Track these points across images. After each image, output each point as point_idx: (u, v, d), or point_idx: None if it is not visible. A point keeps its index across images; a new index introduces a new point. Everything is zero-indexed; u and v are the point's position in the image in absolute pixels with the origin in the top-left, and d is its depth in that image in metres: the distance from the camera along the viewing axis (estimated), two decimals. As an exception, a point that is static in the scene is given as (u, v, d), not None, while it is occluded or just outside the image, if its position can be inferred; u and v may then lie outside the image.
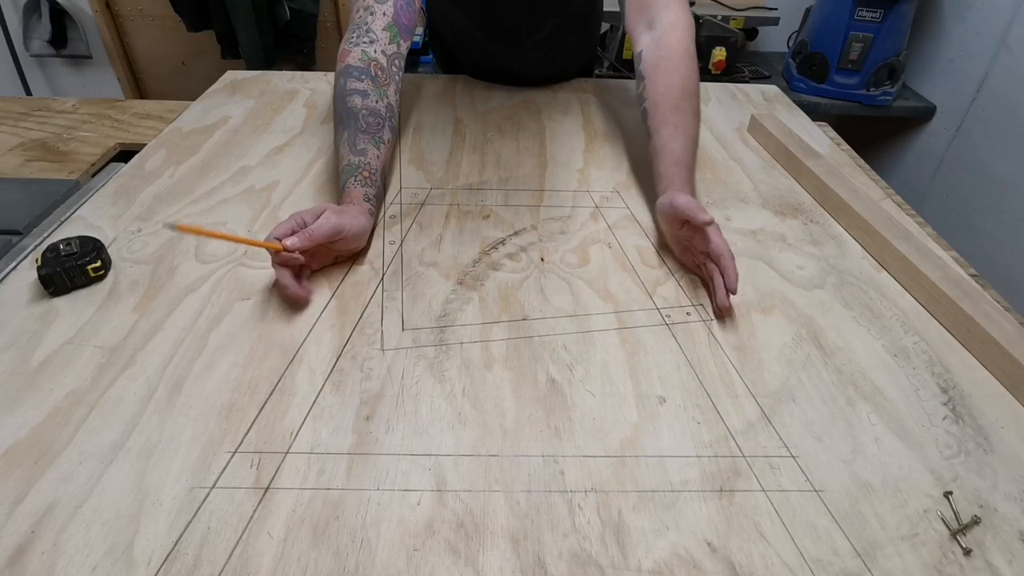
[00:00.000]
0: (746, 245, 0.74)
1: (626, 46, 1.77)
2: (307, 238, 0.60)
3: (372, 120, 0.73)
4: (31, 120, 1.06)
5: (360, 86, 0.73)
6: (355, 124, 0.72)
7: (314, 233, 0.60)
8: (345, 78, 0.74)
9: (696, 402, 0.54)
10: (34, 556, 0.41)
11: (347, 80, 0.74)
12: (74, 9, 2.13)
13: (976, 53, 1.61)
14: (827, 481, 0.48)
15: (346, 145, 0.72)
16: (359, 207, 0.67)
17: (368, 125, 0.73)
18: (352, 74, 0.74)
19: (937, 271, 0.66)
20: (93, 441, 0.48)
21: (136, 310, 0.61)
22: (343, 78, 0.74)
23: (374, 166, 0.71)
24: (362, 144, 0.71)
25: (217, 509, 0.44)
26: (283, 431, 0.50)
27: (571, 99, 1.11)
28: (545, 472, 0.48)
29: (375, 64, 0.75)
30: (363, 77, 0.74)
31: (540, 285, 0.67)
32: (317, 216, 0.63)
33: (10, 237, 0.73)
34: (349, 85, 0.73)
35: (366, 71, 0.75)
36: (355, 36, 0.77)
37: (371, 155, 0.72)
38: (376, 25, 0.77)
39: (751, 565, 0.42)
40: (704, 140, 0.99)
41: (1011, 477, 0.49)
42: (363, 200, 0.69)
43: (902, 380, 0.57)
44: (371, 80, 0.74)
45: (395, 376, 0.55)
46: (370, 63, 0.75)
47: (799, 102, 1.18)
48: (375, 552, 0.42)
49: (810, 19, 1.79)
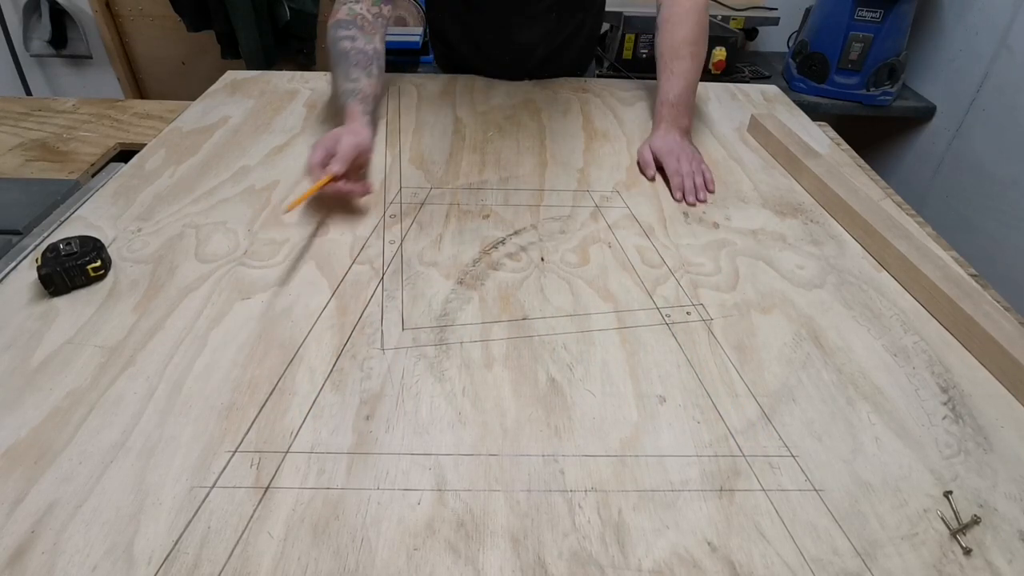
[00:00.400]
0: (746, 245, 0.75)
1: (626, 46, 1.77)
2: (342, 161, 0.73)
3: (361, 58, 0.86)
4: (31, 120, 1.06)
5: (348, 33, 0.87)
6: (346, 62, 0.86)
7: (345, 155, 0.73)
8: (335, 30, 0.88)
9: (696, 402, 0.54)
10: (34, 556, 0.41)
11: (337, 31, 0.88)
12: (74, 9, 2.13)
13: (976, 53, 1.61)
14: (827, 481, 0.48)
15: (341, 78, 0.85)
16: (361, 119, 0.81)
17: (358, 61, 0.86)
18: (341, 26, 0.88)
19: (937, 271, 0.66)
20: (93, 441, 0.48)
21: (136, 310, 0.61)
22: (333, 31, 0.88)
23: (367, 91, 0.85)
24: (355, 75, 0.85)
25: (217, 509, 0.44)
26: (283, 431, 0.50)
27: (571, 99, 1.11)
28: (545, 472, 0.48)
29: (360, 17, 0.89)
30: (350, 27, 0.88)
31: (540, 285, 0.67)
32: (336, 141, 0.75)
33: (10, 237, 0.73)
34: (338, 34, 0.87)
35: (352, 23, 0.88)
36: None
37: (363, 83, 0.85)
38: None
39: (751, 565, 0.42)
40: (704, 140, 0.99)
41: (1011, 477, 0.49)
42: (362, 115, 0.82)
43: (902, 380, 0.57)
44: (358, 29, 0.88)
45: (395, 376, 0.55)
46: (356, 16, 0.89)
47: (799, 102, 1.18)
48: (375, 551, 0.42)
49: (810, 19, 1.79)
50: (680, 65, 0.92)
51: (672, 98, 0.92)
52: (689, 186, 0.84)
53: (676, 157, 0.87)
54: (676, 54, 0.92)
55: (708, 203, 0.83)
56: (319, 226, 0.75)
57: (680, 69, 0.92)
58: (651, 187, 0.86)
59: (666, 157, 0.87)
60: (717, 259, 0.72)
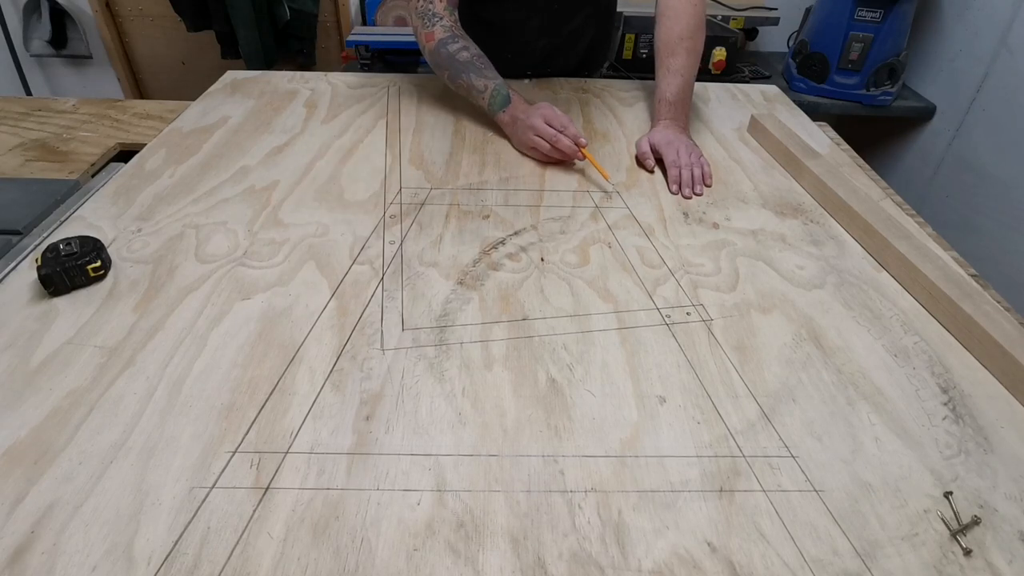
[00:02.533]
0: (746, 245, 0.74)
1: (626, 46, 1.77)
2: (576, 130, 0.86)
3: (484, 61, 0.94)
4: (31, 120, 1.06)
5: (460, 44, 0.94)
6: (475, 66, 0.93)
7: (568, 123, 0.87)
8: (446, 46, 0.94)
9: (696, 402, 0.54)
10: (34, 556, 0.41)
11: (448, 46, 0.94)
12: (74, 9, 2.13)
13: (976, 53, 1.61)
14: (827, 481, 0.48)
15: (480, 79, 0.93)
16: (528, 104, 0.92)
17: (484, 64, 0.94)
18: (449, 42, 0.94)
19: (937, 271, 0.66)
20: (93, 441, 0.48)
21: (136, 310, 0.61)
22: (444, 47, 0.94)
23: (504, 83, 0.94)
24: (490, 74, 0.94)
25: (217, 509, 0.44)
26: (283, 431, 0.50)
27: (571, 99, 1.11)
28: (545, 472, 0.48)
29: (454, 29, 0.96)
30: (457, 40, 0.95)
31: (540, 285, 0.67)
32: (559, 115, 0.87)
33: (10, 237, 0.73)
34: (452, 47, 0.94)
35: (454, 36, 0.95)
36: (427, 21, 0.96)
37: (500, 78, 0.94)
38: (438, 8, 0.96)
39: (751, 565, 0.42)
40: (704, 140, 0.99)
41: (1011, 477, 0.49)
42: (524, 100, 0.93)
43: (902, 380, 0.57)
44: (463, 39, 0.95)
45: (395, 376, 0.55)
46: (453, 30, 0.96)
47: (799, 102, 1.18)
48: (375, 552, 0.42)
49: (810, 19, 1.79)
50: (676, 62, 0.93)
51: (670, 96, 0.93)
52: (687, 178, 0.85)
53: (675, 149, 0.88)
54: (672, 50, 0.93)
55: (704, 197, 0.84)
56: (319, 226, 0.75)
57: (676, 66, 0.93)
58: (651, 187, 0.86)
59: (665, 148, 0.88)
60: (717, 259, 0.72)
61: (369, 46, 1.81)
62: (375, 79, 1.17)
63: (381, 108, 1.05)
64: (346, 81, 1.16)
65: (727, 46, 1.72)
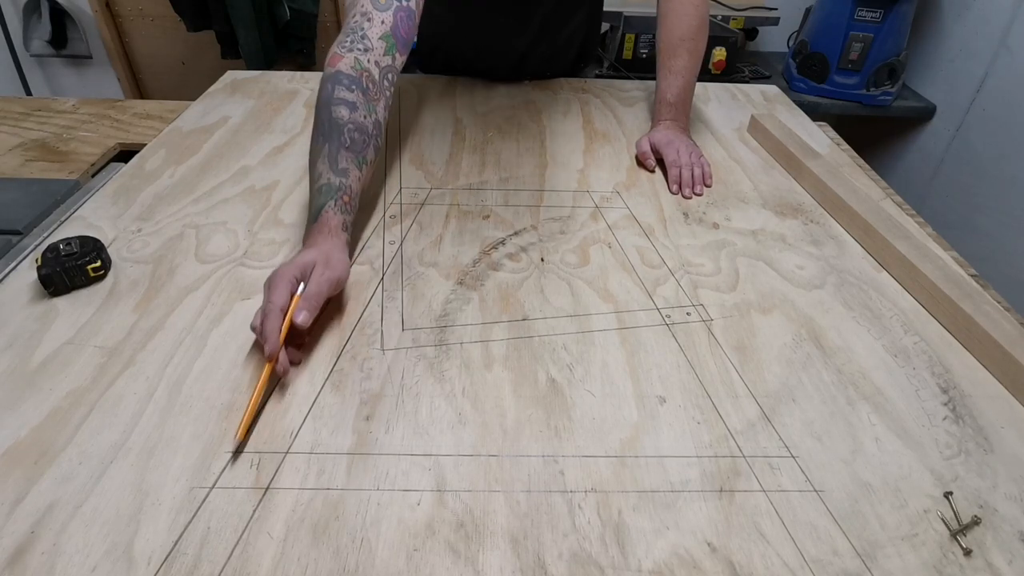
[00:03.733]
0: (746, 245, 0.74)
1: (626, 46, 1.77)
2: (315, 307, 0.55)
3: (358, 136, 0.66)
4: (31, 120, 1.06)
5: (349, 96, 0.67)
6: (339, 139, 0.65)
7: (319, 298, 0.56)
8: (333, 84, 0.67)
9: (696, 402, 0.54)
10: (34, 556, 0.41)
11: (335, 87, 0.67)
12: (74, 9, 2.13)
13: (976, 53, 1.61)
14: (827, 481, 0.48)
15: (326, 161, 0.65)
16: (338, 240, 0.62)
17: (353, 142, 0.66)
18: (342, 82, 0.67)
19: (937, 271, 0.66)
20: (93, 441, 0.48)
21: (136, 310, 0.61)
22: (331, 84, 0.67)
23: (355, 189, 0.66)
24: (344, 163, 0.65)
25: (217, 509, 0.44)
26: (283, 431, 0.50)
27: (571, 99, 1.11)
28: (545, 472, 0.48)
29: (367, 75, 0.68)
30: (353, 87, 0.67)
31: (540, 285, 0.67)
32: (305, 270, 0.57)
33: (10, 237, 0.73)
34: (337, 94, 0.66)
35: (357, 81, 0.67)
36: (349, 41, 0.69)
37: (352, 176, 0.65)
38: (373, 33, 0.70)
39: (751, 565, 0.42)
40: (704, 140, 0.99)
41: (1011, 477, 0.49)
42: (341, 230, 0.63)
43: (902, 380, 0.57)
44: (361, 92, 0.67)
45: (395, 376, 0.55)
46: (362, 73, 0.68)
47: (799, 102, 1.18)
48: (375, 552, 0.42)
49: (810, 19, 1.79)
50: (678, 63, 0.92)
51: (671, 97, 0.93)
52: (687, 177, 0.85)
53: (675, 148, 0.88)
54: (674, 51, 0.92)
55: (704, 197, 0.84)
56: (319, 226, 0.74)
57: (678, 67, 0.92)
58: (651, 187, 0.86)
59: (665, 148, 0.88)
60: (717, 259, 0.72)
61: (369, 46, 1.81)
62: (375, 79, 1.17)
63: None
64: (346, 81, 1.15)
65: (727, 46, 1.72)
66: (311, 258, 0.58)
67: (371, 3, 0.71)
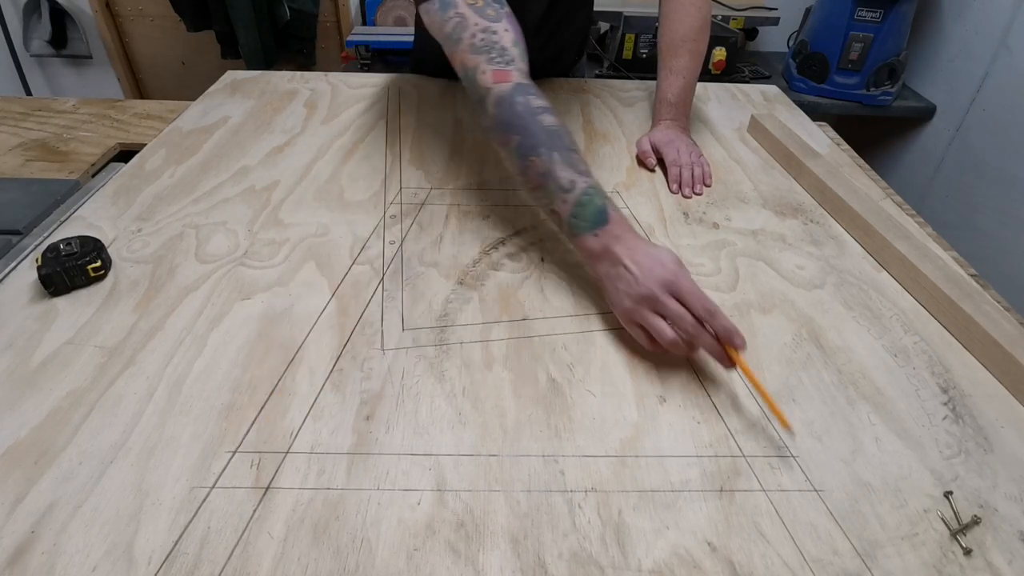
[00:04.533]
0: (746, 245, 0.75)
1: (626, 46, 1.77)
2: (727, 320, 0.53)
3: (573, 140, 0.64)
4: (31, 120, 1.06)
5: (543, 104, 0.65)
6: (563, 143, 0.63)
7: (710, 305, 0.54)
8: (523, 96, 0.64)
9: (696, 402, 0.54)
10: (34, 556, 0.41)
11: (527, 97, 0.64)
12: (74, 9, 2.13)
13: (976, 53, 1.61)
14: (827, 481, 0.48)
15: (565, 168, 0.61)
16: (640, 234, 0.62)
17: (574, 144, 0.64)
18: (530, 91, 0.65)
19: (937, 271, 0.66)
20: (93, 441, 0.48)
21: (136, 310, 0.61)
22: (520, 96, 0.64)
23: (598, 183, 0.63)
24: (582, 165, 0.62)
25: (217, 509, 0.44)
26: (283, 431, 0.50)
27: (571, 99, 1.11)
28: (545, 472, 0.48)
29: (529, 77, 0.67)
30: (539, 96, 0.65)
31: (540, 285, 0.67)
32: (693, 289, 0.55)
33: (10, 237, 0.73)
34: (533, 103, 0.64)
35: (533, 88, 0.66)
36: (494, 56, 0.66)
37: (592, 175, 0.62)
38: (506, 41, 0.68)
39: (751, 565, 0.42)
40: (704, 140, 0.99)
41: (1011, 477, 0.49)
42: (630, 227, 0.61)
43: (902, 380, 0.57)
44: (544, 98, 0.65)
45: (395, 376, 0.55)
46: (528, 76, 0.67)
47: (799, 102, 1.18)
48: (375, 552, 0.42)
49: (810, 19, 1.79)
50: (678, 62, 0.92)
51: (671, 97, 0.93)
52: (687, 177, 0.85)
53: (676, 148, 0.88)
54: (675, 51, 0.92)
55: (704, 197, 0.84)
56: (319, 226, 0.75)
57: (678, 66, 0.92)
58: (651, 187, 0.86)
59: (665, 147, 0.88)
60: (717, 259, 0.72)
61: (369, 46, 1.81)
62: (375, 79, 1.17)
63: (381, 108, 1.05)
64: (346, 81, 1.16)
65: (727, 46, 1.72)
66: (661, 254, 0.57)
67: (481, 16, 0.68)
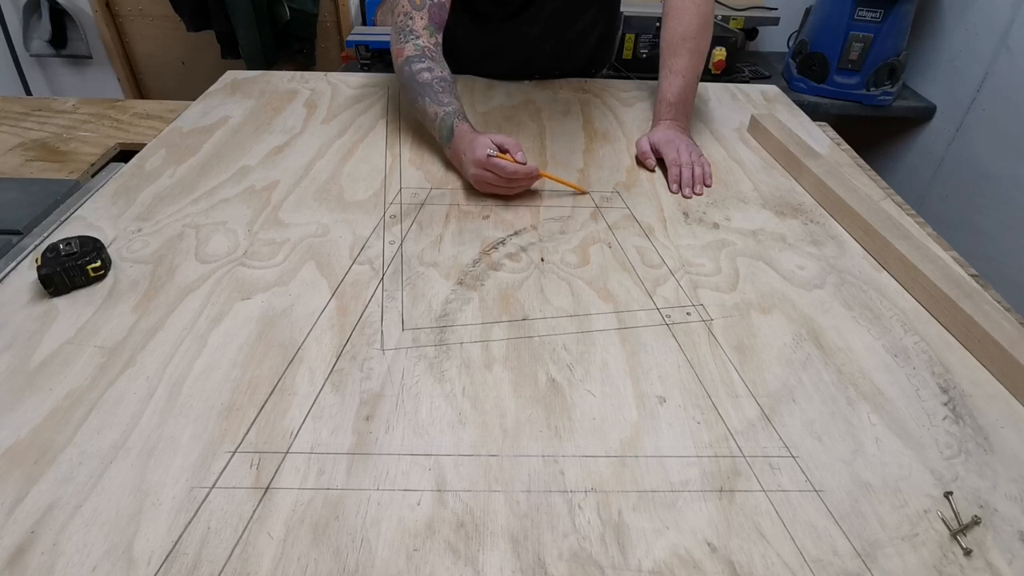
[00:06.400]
0: (746, 245, 0.74)
1: (626, 46, 1.77)
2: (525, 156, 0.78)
3: (444, 84, 0.88)
4: (31, 120, 1.06)
5: (424, 65, 0.89)
6: (432, 90, 0.87)
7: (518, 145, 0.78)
8: (410, 65, 0.89)
9: (696, 402, 0.54)
10: (34, 556, 0.41)
11: (412, 65, 0.89)
12: (74, 9, 2.13)
13: (976, 53, 1.61)
14: (827, 481, 0.48)
15: (433, 104, 0.86)
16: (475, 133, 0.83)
17: (443, 88, 0.87)
18: (415, 60, 0.89)
19: (937, 271, 0.66)
20: (93, 441, 0.48)
21: (136, 310, 0.61)
22: (408, 65, 0.89)
23: (461, 109, 0.86)
24: (446, 99, 0.86)
25: (217, 509, 0.44)
26: (283, 431, 0.50)
27: (571, 99, 1.11)
28: (545, 472, 0.48)
29: (428, 50, 0.91)
30: (423, 60, 0.89)
31: (540, 285, 0.67)
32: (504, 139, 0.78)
33: (10, 237, 0.73)
34: (415, 67, 0.88)
35: (423, 56, 0.90)
36: (402, 36, 0.91)
37: (457, 104, 0.87)
38: (417, 25, 0.92)
39: (751, 565, 0.42)
40: (704, 140, 0.99)
41: (1011, 477, 0.49)
42: (472, 130, 0.83)
43: (902, 380, 0.57)
44: (430, 60, 0.90)
45: (395, 376, 0.55)
46: (424, 50, 0.90)
47: (799, 102, 1.18)
48: (375, 552, 0.42)
49: (810, 19, 1.79)
50: (679, 62, 0.93)
51: (671, 97, 0.93)
52: (687, 177, 0.85)
53: (675, 148, 0.88)
54: (676, 51, 0.93)
55: (704, 197, 0.84)
56: (319, 226, 0.75)
57: (679, 66, 0.93)
58: (651, 187, 0.86)
59: (665, 147, 0.89)
60: (717, 259, 0.72)
61: (369, 46, 1.81)
62: (375, 79, 1.17)
63: (381, 108, 1.05)
64: (346, 81, 1.16)
65: (727, 46, 1.72)
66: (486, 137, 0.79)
67: (410, 4, 0.92)
